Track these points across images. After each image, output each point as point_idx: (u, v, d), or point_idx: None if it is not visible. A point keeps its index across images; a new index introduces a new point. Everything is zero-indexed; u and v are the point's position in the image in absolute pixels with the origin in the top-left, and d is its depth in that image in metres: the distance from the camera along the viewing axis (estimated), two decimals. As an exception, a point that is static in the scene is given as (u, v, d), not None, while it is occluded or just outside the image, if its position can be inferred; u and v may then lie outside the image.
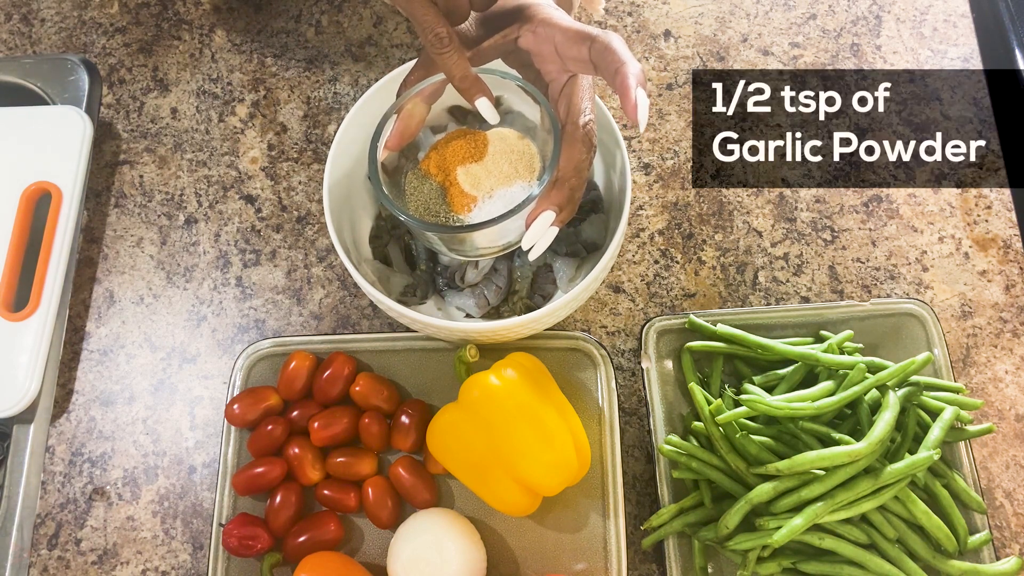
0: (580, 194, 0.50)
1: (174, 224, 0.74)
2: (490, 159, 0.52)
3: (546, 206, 0.49)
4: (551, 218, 0.49)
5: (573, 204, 0.49)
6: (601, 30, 0.48)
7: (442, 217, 0.51)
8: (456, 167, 0.52)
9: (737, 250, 0.72)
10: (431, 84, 0.51)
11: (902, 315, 0.66)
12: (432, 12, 0.48)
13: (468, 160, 0.52)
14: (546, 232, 0.49)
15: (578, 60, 0.49)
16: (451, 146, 0.53)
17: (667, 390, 0.65)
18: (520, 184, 0.51)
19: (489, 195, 0.51)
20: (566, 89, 0.50)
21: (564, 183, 0.49)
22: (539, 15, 0.50)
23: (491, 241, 0.53)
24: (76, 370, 0.69)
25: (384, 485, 0.61)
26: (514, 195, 0.51)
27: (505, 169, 0.51)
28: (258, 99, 0.79)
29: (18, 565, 0.64)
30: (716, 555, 0.60)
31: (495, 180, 0.51)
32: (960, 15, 0.80)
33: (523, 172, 0.51)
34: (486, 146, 0.52)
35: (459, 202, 0.51)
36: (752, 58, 0.79)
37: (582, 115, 0.49)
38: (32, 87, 0.78)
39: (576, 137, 0.49)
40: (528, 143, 0.53)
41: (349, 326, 0.70)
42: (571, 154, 0.49)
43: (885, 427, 0.56)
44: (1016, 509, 0.64)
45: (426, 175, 0.53)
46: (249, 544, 0.59)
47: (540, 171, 0.51)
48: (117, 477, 0.66)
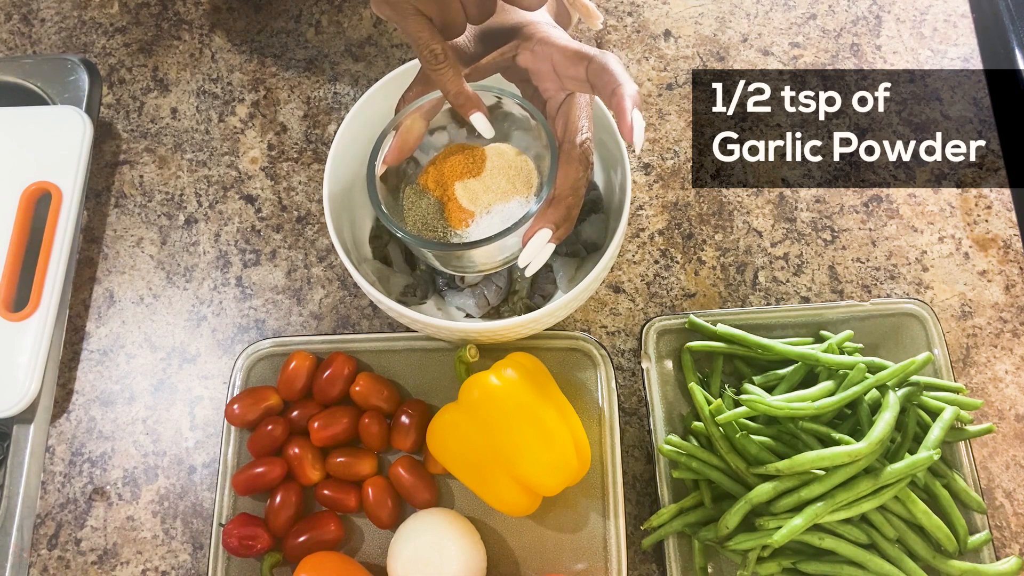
0: (576, 211, 0.50)
1: (174, 224, 0.74)
2: (488, 175, 0.52)
3: (543, 224, 0.49)
4: (548, 235, 0.49)
5: (570, 222, 0.50)
6: (598, 50, 0.48)
7: (440, 232, 0.52)
8: (454, 182, 0.52)
9: (737, 250, 0.72)
10: (429, 100, 0.52)
11: (902, 315, 0.66)
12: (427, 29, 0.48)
13: (466, 175, 0.52)
14: (543, 250, 0.49)
15: (575, 79, 0.49)
16: (449, 161, 0.53)
17: (667, 390, 0.65)
18: (517, 200, 0.51)
19: (487, 211, 0.51)
20: (563, 107, 0.50)
21: (561, 201, 0.49)
22: (538, 34, 0.50)
23: (488, 257, 0.53)
24: (76, 370, 0.69)
25: (384, 485, 0.61)
26: (511, 211, 0.51)
27: (503, 185, 0.52)
28: (258, 99, 0.79)
29: (18, 565, 0.64)
30: (716, 555, 0.60)
31: (493, 196, 0.52)
32: (960, 15, 0.80)
33: (521, 188, 0.52)
34: (484, 162, 0.53)
35: (457, 217, 0.51)
36: (752, 58, 0.79)
37: (579, 133, 0.49)
38: (32, 87, 0.78)
39: (573, 155, 0.49)
40: (525, 159, 0.53)
41: (349, 326, 0.70)
42: (568, 172, 0.49)
43: (885, 427, 0.56)
44: (1016, 509, 0.64)
45: (424, 190, 0.53)
46: (249, 544, 0.59)
47: (537, 187, 0.52)
48: (117, 477, 0.66)
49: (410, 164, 0.56)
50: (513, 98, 0.51)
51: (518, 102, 0.51)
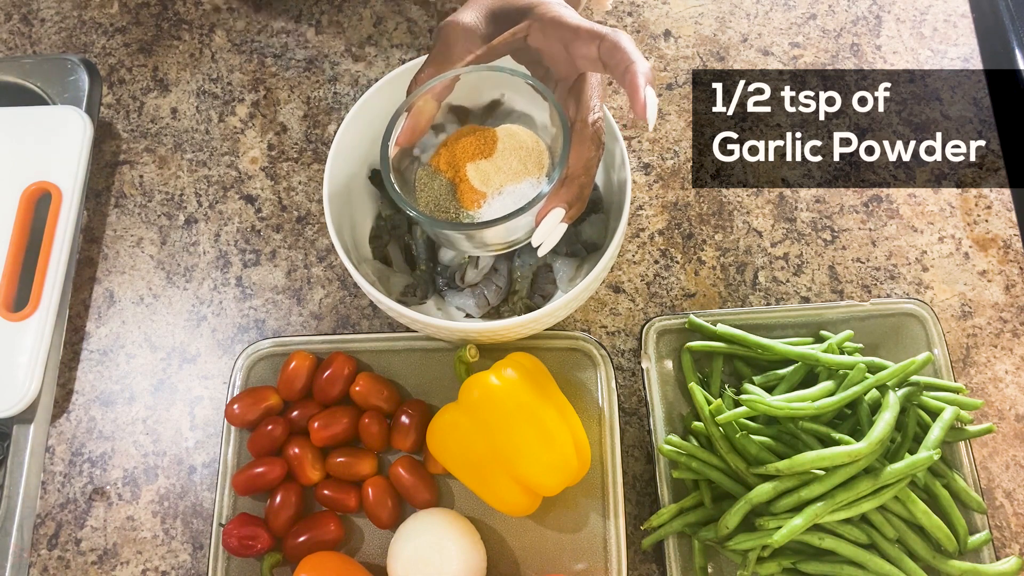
0: (589, 191, 0.50)
1: (174, 224, 0.74)
2: (500, 156, 0.52)
3: (556, 203, 0.49)
4: (561, 215, 0.49)
5: (582, 201, 0.50)
6: (610, 28, 0.48)
7: (452, 213, 0.52)
8: (466, 163, 0.52)
9: (737, 250, 0.72)
10: (441, 82, 0.51)
11: (902, 315, 0.66)
12: None
13: (478, 156, 0.52)
14: (555, 229, 0.50)
15: (587, 58, 0.49)
16: (461, 143, 0.53)
17: (667, 390, 0.65)
18: (529, 181, 0.51)
19: (499, 191, 0.51)
20: (575, 87, 0.51)
21: (573, 181, 0.49)
22: (548, 13, 0.50)
23: (500, 238, 0.53)
24: (76, 370, 0.69)
25: (384, 485, 0.61)
26: (523, 192, 0.51)
27: (515, 166, 0.52)
28: (258, 99, 0.79)
29: (18, 565, 0.64)
30: (716, 555, 0.60)
31: (504, 176, 0.52)
32: (960, 15, 0.80)
33: (532, 169, 0.52)
34: (496, 143, 0.53)
35: (469, 198, 0.51)
36: (752, 58, 0.79)
37: (591, 112, 0.49)
38: (32, 87, 0.78)
39: (585, 135, 0.49)
40: (537, 140, 0.53)
41: (349, 326, 0.70)
42: (580, 152, 0.49)
43: (885, 427, 0.56)
44: (1016, 509, 0.64)
45: (436, 171, 0.53)
46: (249, 544, 0.59)
47: (549, 167, 0.52)
48: (117, 477, 0.66)
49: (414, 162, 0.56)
50: (524, 78, 0.51)
51: (529, 82, 0.51)
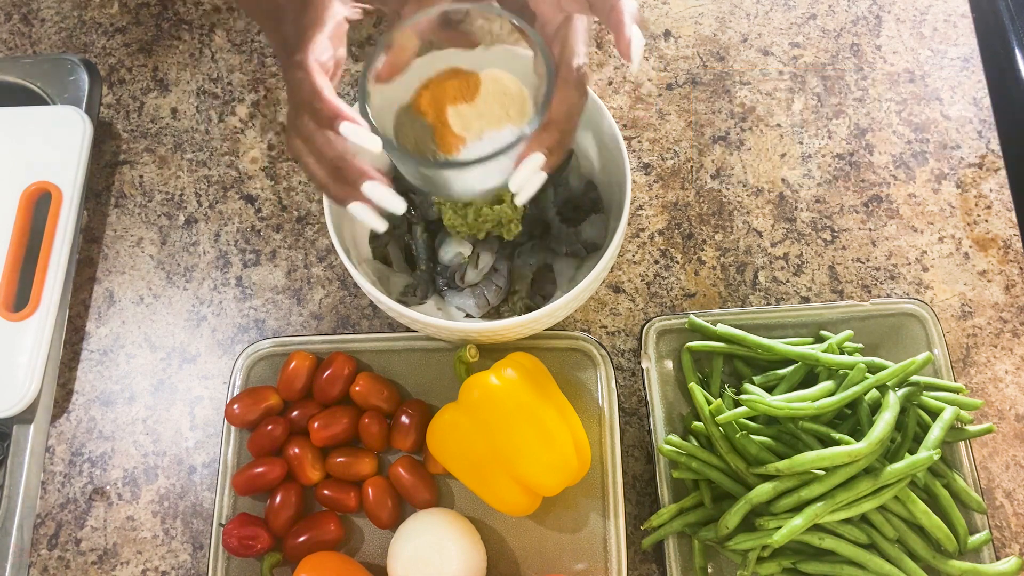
0: (570, 139, 0.49)
1: (174, 224, 0.74)
2: (482, 101, 0.52)
3: (536, 148, 0.48)
4: (540, 161, 0.48)
5: (563, 148, 0.49)
6: None
7: (430, 156, 0.51)
8: (447, 107, 0.51)
9: (737, 250, 0.72)
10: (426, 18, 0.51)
11: (902, 315, 0.66)
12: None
13: (459, 100, 0.52)
14: (534, 176, 0.48)
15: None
16: (444, 86, 0.52)
17: (667, 390, 0.65)
18: (510, 128, 0.51)
19: (478, 137, 0.50)
20: (561, 31, 0.50)
21: (555, 126, 0.48)
22: None
23: (477, 183, 0.52)
24: (76, 370, 0.69)
25: (384, 485, 0.61)
26: (504, 138, 0.50)
27: (496, 112, 0.51)
28: (258, 99, 0.79)
29: (18, 565, 0.64)
30: (716, 555, 0.60)
31: (485, 122, 0.51)
32: (960, 15, 0.80)
33: (514, 116, 0.51)
34: (478, 87, 0.52)
35: (448, 142, 0.51)
36: (752, 58, 0.79)
37: (576, 57, 0.48)
38: (32, 87, 0.78)
39: (569, 80, 0.48)
40: (521, 87, 0.52)
41: (349, 326, 0.70)
42: (563, 96, 0.48)
43: (885, 427, 0.56)
44: (1016, 509, 0.64)
45: (416, 113, 0.52)
46: (249, 544, 0.59)
47: (531, 116, 0.51)
48: (117, 477, 0.66)
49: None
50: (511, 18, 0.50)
51: (515, 21, 0.50)
